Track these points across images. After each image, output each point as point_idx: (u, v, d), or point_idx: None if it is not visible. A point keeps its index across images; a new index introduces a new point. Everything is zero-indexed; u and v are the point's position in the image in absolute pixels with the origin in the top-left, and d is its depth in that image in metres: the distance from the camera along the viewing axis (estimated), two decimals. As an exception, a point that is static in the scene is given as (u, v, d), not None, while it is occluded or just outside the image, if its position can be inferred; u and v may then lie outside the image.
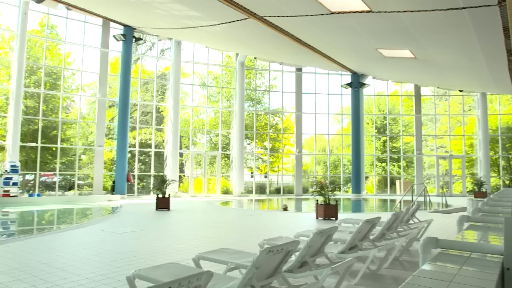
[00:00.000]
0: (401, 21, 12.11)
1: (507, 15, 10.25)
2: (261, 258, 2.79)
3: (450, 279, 1.45)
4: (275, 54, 21.61)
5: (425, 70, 18.78)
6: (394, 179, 25.78)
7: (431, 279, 1.47)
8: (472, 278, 1.54)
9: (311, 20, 13.32)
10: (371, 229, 5.26)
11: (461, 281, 1.46)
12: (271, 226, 10.29)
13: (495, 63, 15.12)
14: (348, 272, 4.17)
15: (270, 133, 25.71)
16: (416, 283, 1.38)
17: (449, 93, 25.37)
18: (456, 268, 1.65)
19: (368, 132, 26.12)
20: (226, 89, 25.23)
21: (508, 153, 24.64)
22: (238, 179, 22.90)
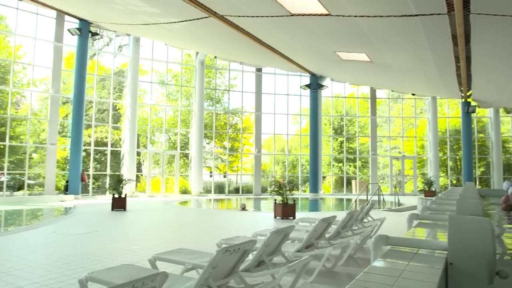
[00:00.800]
0: (358, 26, 12.45)
1: (455, 24, 10.80)
2: (218, 258, 2.79)
3: (398, 274, 1.51)
4: (236, 54, 21.61)
5: (380, 73, 19.41)
6: (350, 179, 26.49)
7: (381, 275, 1.54)
8: (418, 273, 1.61)
9: (272, 21, 13.43)
10: (327, 227, 5.39)
11: (408, 276, 1.53)
12: (229, 225, 10.29)
13: (445, 69, 15.86)
14: (304, 270, 4.25)
15: (229, 132, 25.69)
16: (366, 280, 1.43)
17: (403, 96, 26.37)
18: (404, 264, 1.73)
19: (326, 133, 26.68)
20: (186, 88, 24.96)
21: (456, 154, 25.95)
22: (196, 179, 22.72)
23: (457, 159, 25.83)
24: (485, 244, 1.78)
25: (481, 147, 25.59)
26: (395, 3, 10.37)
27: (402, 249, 2.02)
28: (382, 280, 1.45)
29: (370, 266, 1.63)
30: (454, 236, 1.82)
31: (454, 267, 1.78)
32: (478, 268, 1.77)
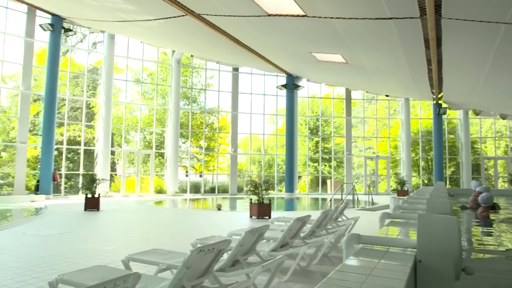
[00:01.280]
0: (334, 27, 12.60)
1: (427, 28, 11.07)
2: (192, 258, 2.78)
3: (368, 272, 1.55)
4: (212, 53, 21.53)
5: (355, 74, 19.71)
6: (325, 179, 26.81)
7: (352, 273, 1.57)
8: (388, 271, 1.66)
9: (248, 20, 13.44)
10: (301, 227, 5.44)
11: (378, 274, 1.57)
12: (205, 225, 10.24)
13: (417, 71, 16.23)
14: (279, 269, 4.28)
15: (205, 132, 25.57)
16: (338, 278, 1.46)
17: (377, 98, 26.85)
18: (375, 262, 1.77)
19: (302, 133, 26.89)
20: (162, 87, 24.69)
21: (427, 154, 26.61)
22: (172, 178, 22.51)
23: (429, 159, 26.49)
24: (452, 242, 1.84)
25: (452, 148, 26.34)
26: (370, 6, 10.54)
27: (373, 248, 2.07)
28: (353, 278, 1.48)
29: (342, 265, 1.66)
30: (422, 234, 1.87)
31: (423, 264, 1.84)
32: (445, 265, 1.82)
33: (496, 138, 26.70)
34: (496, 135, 26.69)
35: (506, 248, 1.93)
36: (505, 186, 24.95)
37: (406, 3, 9.82)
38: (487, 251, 4.09)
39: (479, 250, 4.01)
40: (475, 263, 2.99)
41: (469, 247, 3.82)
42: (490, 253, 3.88)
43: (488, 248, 4.29)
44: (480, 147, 26.80)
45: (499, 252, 4.07)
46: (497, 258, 3.57)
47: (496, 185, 25.42)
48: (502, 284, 2.52)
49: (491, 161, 26.38)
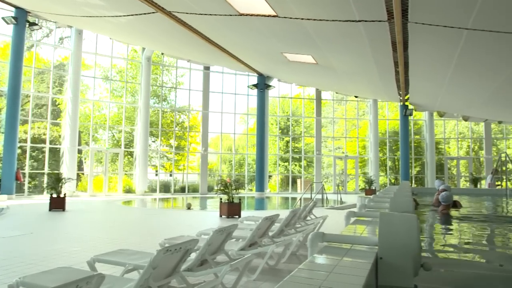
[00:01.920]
0: (304, 28, 12.73)
1: (395, 31, 11.36)
2: (158, 257, 2.76)
3: (330, 269, 1.59)
4: (183, 51, 21.33)
5: (325, 75, 19.98)
6: (295, 178, 27.06)
7: (314, 270, 1.60)
8: (350, 268, 1.70)
9: (220, 19, 13.40)
10: (270, 226, 5.48)
11: (340, 271, 1.61)
12: (174, 225, 10.15)
13: (385, 73, 16.62)
14: (247, 268, 4.30)
15: (176, 131, 25.32)
16: (300, 275, 1.49)
17: (346, 98, 27.32)
18: (338, 259, 1.81)
19: (272, 133, 27.06)
20: (131, 84, 24.27)
21: (394, 154, 27.30)
22: (141, 178, 22.17)
23: (396, 159, 27.18)
24: (412, 239, 1.91)
25: (417, 148, 27.14)
26: (339, 8, 10.72)
27: (337, 246, 2.11)
28: (315, 275, 1.52)
29: (305, 262, 1.69)
30: (384, 232, 1.93)
31: (384, 261, 1.90)
32: (405, 261, 1.89)
33: (459, 139, 27.70)
34: (458, 136, 27.69)
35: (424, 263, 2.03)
36: (466, 185, 25.90)
37: (374, 6, 10.03)
38: (447, 247, 4.25)
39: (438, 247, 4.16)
40: (433, 259, 3.11)
41: (428, 243, 3.96)
42: (447, 249, 4.03)
43: (446, 244, 4.45)
44: (444, 147, 27.74)
45: (456, 248, 4.24)
46: (454, 254, 3.72)
47: (458, 184, 26.36)
48: (458, 278, 2.64)
49: (454, 161, 27.34)
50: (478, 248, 4.30)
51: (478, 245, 4.48)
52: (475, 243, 4.56)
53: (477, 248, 4.24)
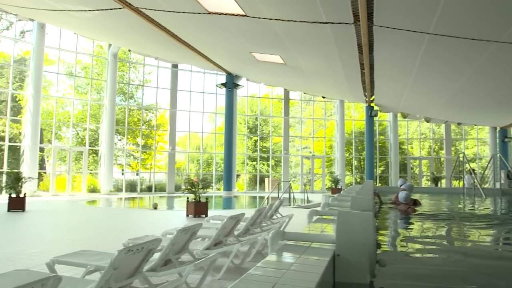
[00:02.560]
0: (273, 29, 12.82)
1: (360, 34, 11.62)
2: (120, 258, 2.72)
3: (287, 267, 1.62)
4: (151, 48, 21.00)
5: (293, 76, 20.18)
6: (263, 177, 27.20)
7: (272, 268, 1.63)
8: (306, 265, 1.74)
9: (188, 17, 13.28)
10: (235, 225, 5.49)
11: (296, 269, 1.65)
12: (140, 225, 10.00)
13: (351, 74, 16.96)
14: (212, 267, 4.30)
15: (143, 129, 24.92)
16: (257, 273, 1.51)
17: (314, 99, 27.69)
18: (296, 257, 1.85)
19: (241, 132, 27.08)
20: (97, 81, 23.67)
21: (360, 154, 27.91)
22: (106, 177, 21.69)
23: (361, 159, 27.79)
24: (368, 236, 1.98)
25: (382, 148, 27.85)
26: (307, 10, 10.86)
27: (296, 244, 2.16)
28: (272, 273, 1.54)
29: (263, 261, 1.72)
30: (341, 229, 1.99)
31: (341, 258, 1.95)
32: (361, 258, 1.95)
33: (421, 140, 28.64)
34: (421, 137, 28.62)
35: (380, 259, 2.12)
36: (428, 184, 26.80)
37: (341, 9, 10.23)
38: (404, 244, 4.40)
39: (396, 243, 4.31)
40: (389, 255, 3.22)
41: (387, 240, 4.09)
42: (404, 246, 4.18)
43: (403, 240, 4.61)
44: (407, 147, 28.61)
45: (413, 244, 4.40)
46: (410, 250, 3.86)
47: (420, 183, 27.24)
48: (412, 273, 2.74)
49: (417, 161, 28.25)
50: (434, 244, 4.48)
51: (434, 241, 4.66)
52: (431, 239, 4.75)
53: (434, 244, 4.42)
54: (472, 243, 4.60)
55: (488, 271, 2.97)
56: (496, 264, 3.33)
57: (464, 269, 3.05)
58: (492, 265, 3.25)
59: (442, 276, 2.74)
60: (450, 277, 2.74)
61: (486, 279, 2.70)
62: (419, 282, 2.48)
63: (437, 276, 2.70)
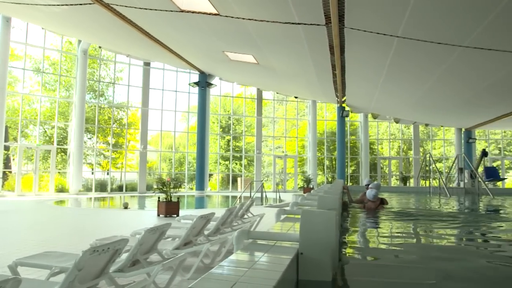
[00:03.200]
0: (246, 28, 12.85)
1: (332, 35, 11.80)
2: (84, 259, 2.68)
3: (250, 266, 1.65)
4: (122, 46, 20.66)
5: (266, 75, 20.27)
6: (236, 177, 27.21)
7: (234, 267, 1.65)
8: (269, 264, 1.77)
9: (161, 14, 13.15)
10: (205, 224, 5.48)
11: (259, 267, 1.68)
12: (109, 225, 9.83)
13: (323, 75, 17.19)
14: (181, 267, 4.28)
15: (114, 127, 24.47)
16: (218, 272, 1.53)
17: (287, 99, 27.90)
18: (259, 255, 1.88)
19: (214, 131, 27.00)
20: (66, 78, 23.08)
21: (332, 154, 28.32)
22: (75, 176, 21.18)
23: (333, 159, 28.20)
24: (330, 234, 2.03)
25: (353, 148, 28.35)
26: (280, 10, 10.94)
27: (262, 242, 2.19)
28: (234, 272, 1.57)
29: (226, 259, 1.74)
30: (304, 228, 2.03)
31: (304, 256, 2.00)
32: (323, 256, 2.00)
33: (391, 140, 29.32)
34: (390, 137, 29.31)
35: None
36: (397, 184, 27.47)
37: (313, 10, 10.35)
38: (369, 241, 4.51)
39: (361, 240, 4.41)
40: (353, 253, 3.30)
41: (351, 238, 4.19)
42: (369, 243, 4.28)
43: (368, 238, 4.73)
44: (377, 148, 29.24)
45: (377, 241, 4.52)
46: (372, 248, 3.96)
47: (389, 182, 27.90)
48: (375, 271, 2.82)
49: (386, 161, 28.91)
50: (399, 241, 4.61)
51: (399, 238, 4.80)
52: (397, 236, 4.89)
53: (398, 242, 4.55)
54: (436, 240, 4.76)
55: (449, 267, 3.09)
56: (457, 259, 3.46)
57: (427, 265, 3.15)
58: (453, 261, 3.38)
59: (405, 272, 2.83)
60: (413, 273, 2.83)
61: (445, 274, 2.80)
62: (381, 279, 2.56)
63: (401, 273, 2.79)
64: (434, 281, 2.57)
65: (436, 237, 5.01)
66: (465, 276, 2.78)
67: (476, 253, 3.93)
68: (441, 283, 2.53)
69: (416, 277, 2.67)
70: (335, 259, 2.10)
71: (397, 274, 2.74)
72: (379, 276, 2.61)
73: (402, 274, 2.80)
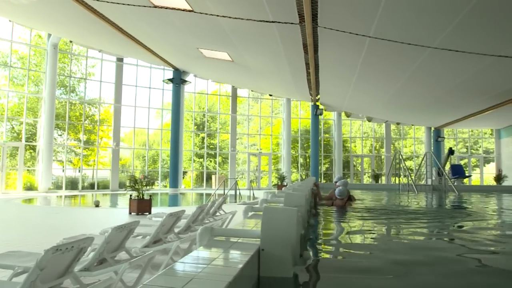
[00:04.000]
0: (220, 25, 12.81)
1: (306, 34, 11.91)
2: (47, 258, 2.63)
3: (209, 262, 1.67)
4: (94, 40, 20.22)
5: (241, 73, 20.27)
6: (210, 174, 27.13)
7: (193, 263, 1.67)
8: (229, 260, 1.80)
9: (134, 10, 12.95)
10: (175, 222, 5.46)
11: (218, 263, 1.70)
12: (79, 224, 9.66)
13: (297, 74, 17.32)
14: (150, 265, 4.26)
15: (85, 124, 23.97)
16: (177, 269, 1.54)
17: (262, 97, 27.99)
18: (220, 252, 1.91)
19: (188, 128, 26.81)
20: (35, 73, 22.44)
21: (306, 152, 28.59)
22: (45, 174, 20.66)
23: (307, 156, 28.47)
24: (291, 231, 2.07)
25: (326, 146, 28.71)
26: (254, 8, 10.96)
27: (224, 239, 2.21)
28: (192, 269, 1.58)
29: (186, 256, 1.76)
30: (266, 224, 2.07)
31: (265, 252, 2.03)
32: (284, 252, 2.04)
33: (363, 138, 29.83)
34: (363, 136, 29.82)
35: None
36: (369, 181, 27.99)
37: (287, 9, 10.42)
38: (334, 238, 4.60)
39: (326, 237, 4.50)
40: (316, 249, 3.37)
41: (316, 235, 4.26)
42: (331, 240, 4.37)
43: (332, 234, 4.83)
44: (350, 146, 29.70)
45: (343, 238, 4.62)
46: (335, 244, 4.05)
47: (362, 180, 28.41)
48: (336, 266, 2.89)
49: (359, 159, 29.41)
50: (363, 237, 4.72)
51: (361, 234, 4.91)
52: (359, 232, 5.00)
53: (363, 238, 4.66)
54: (399, 235, 4.90)
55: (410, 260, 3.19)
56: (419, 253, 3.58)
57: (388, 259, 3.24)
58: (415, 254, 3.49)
59: (367, 267, 2.91)
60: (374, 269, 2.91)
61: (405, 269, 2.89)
62: (343, 274, 2.63)
63: (362, 267, 2.86)
64: (395, 275, 2.65)
65: (399, 231, 5.15)
66: (426, 269, 2.88)
67: (437, 246, 4.07)
68: (403, 276, 2.61)
69: (378, 272, 2.74)
70: (296, 255, 2.15)
71: (359, 269, 2.82)
72: (340, 272, 2.68)
73: (364, 269, 2.88)
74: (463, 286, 2.61)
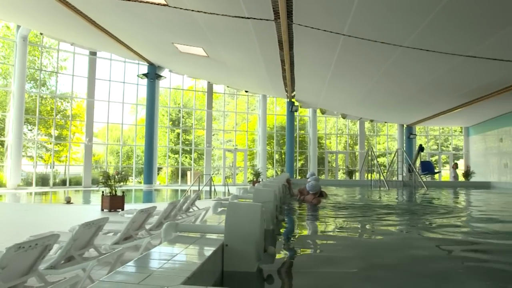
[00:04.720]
0: (195, 20, 12.71)
1: (281, 31, 11.96)
2: (8, 256, 2.59)
3: (170, 258, 1.67)
4: (66, 33, 19.71)
5: (216, 69, 20.18)
6: (185, 170, 26.96)
7: (153, 259, 1.67)
8: (191, 255, 1.82)
9: (107, 2, 12.72)
10: (147, 218, 5.43)
11: (179, 259, 1.71)
12: (49, 221, 9.45)
13: (273, 70, 17.38)
14: (119, 262, 4.22)
15: (57, 119, 23.41)
16: (136, 265, 1.54)
17: (237, 93, 27.94)
18: (183, 247, 1.92)
19: (163, 124, 26.54)
20: (3, 65, 21.73)
21: (281, 148, 28.75)
22: (14, 170, 20.09)
23: (282, 153, 28.64)
24: (255, 226, 2.10)
25: (302, 142, 28.95)
26: (229, 4, 10.92)
27: (189, 235, 2.22)
28: (151, 264, 1.59)
29: (148, 252, 1.76)
30: (230, 220, 2.09)
31: (229, 248, 2.05)
32: (248, 248, 2.07)
33: (338, 135, 30.21)
34: (338, 132, 30.19)
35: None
36: (344, 177, 28.39)
37: (262, 5, 10.44)
38: (302, 234, 4.67)
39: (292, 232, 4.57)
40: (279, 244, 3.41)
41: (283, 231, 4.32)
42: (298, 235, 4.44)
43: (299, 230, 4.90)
44: (325, 142, 30.03)
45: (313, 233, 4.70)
46: (302, 239, 4.12)
47: (336, 176, 28.80)
48: (301, 262, 2.94)
49: (334, 155, 29.79)
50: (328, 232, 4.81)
51: (329, 229, 5.00)
52: (327, 227, 5.09)
53: (331, 232, 4.74)
54: (367, 230, 5.01)
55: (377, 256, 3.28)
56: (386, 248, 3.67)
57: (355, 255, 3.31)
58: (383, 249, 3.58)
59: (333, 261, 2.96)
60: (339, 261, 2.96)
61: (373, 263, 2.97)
62: (307, 269, 2.68)
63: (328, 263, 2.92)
64: (359, 269, 2.72)
65: (368, 227, 5.27)
66: (391, 265, 2.96)
67: (405, 242, 4.18)
68: (367, 271, 2.68)
69: (344, 267, 2.80)
70: (260, 250, 2.17)
71: (325, 264, 2.87)
72: (305, 267, 2.73)
73: (330, 261, 2.94)
74: (430, 272, 2.69)
